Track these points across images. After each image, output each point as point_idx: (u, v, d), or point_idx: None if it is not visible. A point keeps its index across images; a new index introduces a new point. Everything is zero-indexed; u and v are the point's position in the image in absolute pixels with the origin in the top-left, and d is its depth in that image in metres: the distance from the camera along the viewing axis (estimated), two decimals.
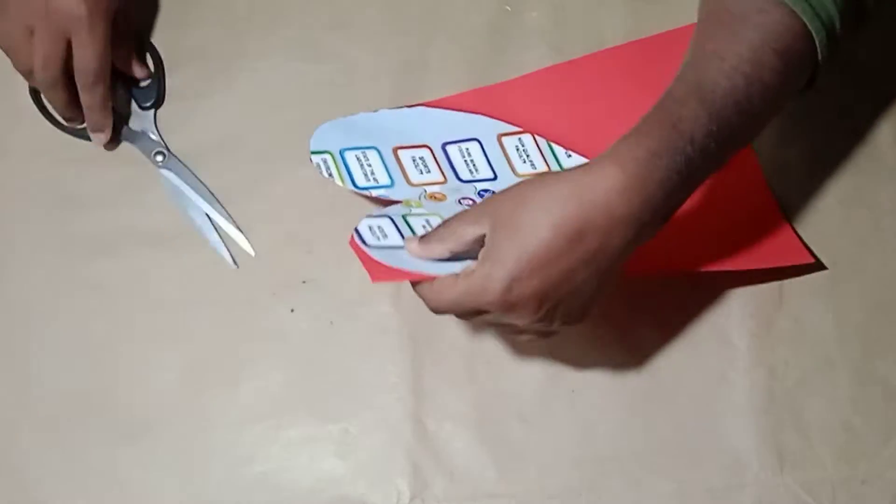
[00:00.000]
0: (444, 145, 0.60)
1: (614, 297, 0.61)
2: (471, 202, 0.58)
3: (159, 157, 0.62)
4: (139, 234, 0.63)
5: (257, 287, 0.62)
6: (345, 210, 0.63)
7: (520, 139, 0.61)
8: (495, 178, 0.60)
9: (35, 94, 0.63)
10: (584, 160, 0.58)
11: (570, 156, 0.61)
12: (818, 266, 0.62)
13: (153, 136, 0.63)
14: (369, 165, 0.59)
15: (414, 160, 0.60)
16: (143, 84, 0.64)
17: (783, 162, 0.64)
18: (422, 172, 0.60)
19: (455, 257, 0.49)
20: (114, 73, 0.61)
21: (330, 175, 0.59)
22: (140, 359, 0.61)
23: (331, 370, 0.60)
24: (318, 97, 0.64)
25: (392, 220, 0.54)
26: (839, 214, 0.63)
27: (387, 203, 0.58)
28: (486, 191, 0.60)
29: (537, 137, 0.61)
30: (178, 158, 0.63)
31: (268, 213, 0.63)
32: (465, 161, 0.60)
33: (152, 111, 0.64)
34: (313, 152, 0.60)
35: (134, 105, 0.64)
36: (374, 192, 0.59)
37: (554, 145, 0.61)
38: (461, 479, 0.58)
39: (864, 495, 0.58)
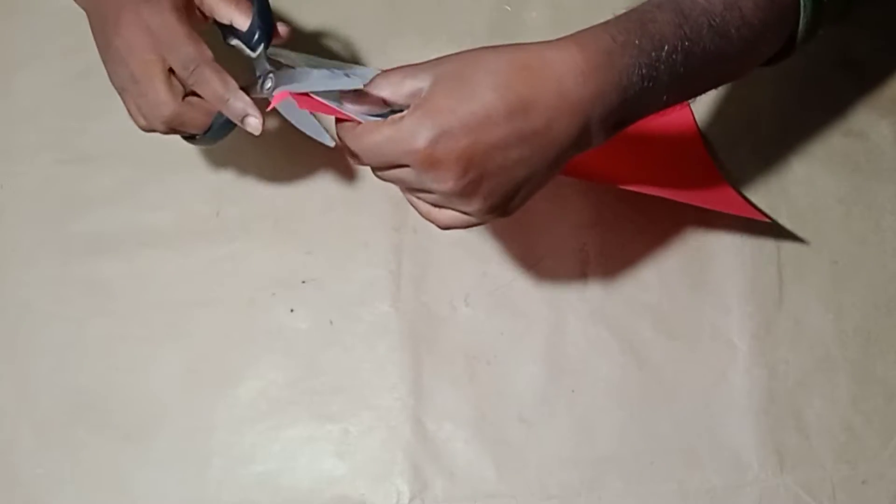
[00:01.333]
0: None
1: (614, 297, 0.61)
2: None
3: (268, 84, 0.52)
4: (139, 234, 0.63)
5: (257, 287, 0.62)
6: (345, 210, 0.63)
7: None
8: None
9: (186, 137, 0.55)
10: None
11: None
12: (789, 235, 0.62)
13: (270, 68, 0.52)
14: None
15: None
16: (246, 27, 0.53)
17: (783, 161, 0.64)
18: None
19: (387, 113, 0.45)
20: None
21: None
22: (140, 359, 0.61)
23: (331, 370, 0.60)
24: None
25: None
26: (839, 214, 0.63)
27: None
28: None
29: None
30: (284, 65, 0.53)
31: (268, 212, 0.63)
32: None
33: (262, 46, 0.53)
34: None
35: (250, 53, 0.53)
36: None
37: None
38: (461, 479, 0.58)
39: (864, 495, 0.58)
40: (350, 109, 0.46)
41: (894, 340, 0.61)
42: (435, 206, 0.46)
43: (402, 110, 0.44)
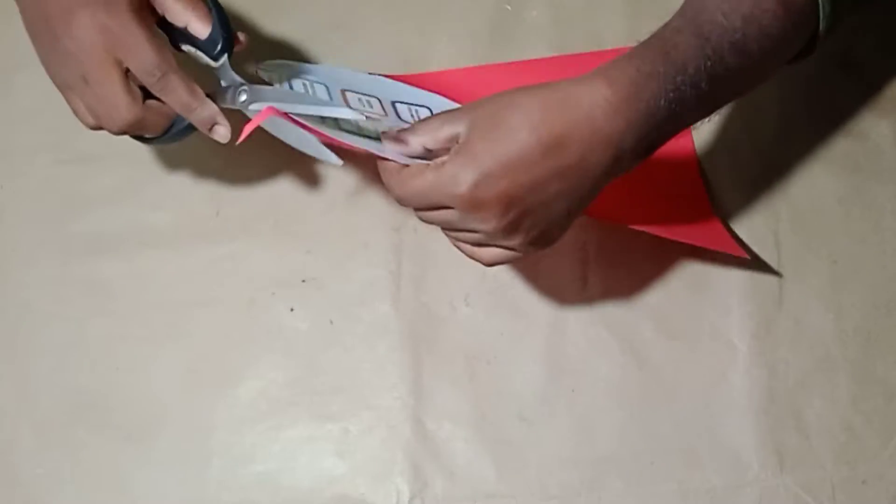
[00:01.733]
0: (394, 102, 0.57)
1: (614, 297, 0.61)
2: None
3: (242, 97, 0.52)
4: (139, 234, 0.63)
5: (257, 287, 0.62)
6: (345, 210, 0.63)
7: None
8: None
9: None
10: None
11: None
12: (769, 269, 0.62)
13: (238, 79, 0.52)
14: (312, 89, 0.56)
15: (360, 99, 0.56)
16: (206, 34, 0.52)
17: (783, 161, 0.64)
18: (364, 107, 0.56)
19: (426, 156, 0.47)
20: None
21: (270, 83, 0.55)
22: (140, 359, 0.61)
23: (331, 370, 0.60)
24: None
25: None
26: (839, 214, 0.63)
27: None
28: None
29: None
30: (264, 82, 0.54)
31: (268, 212, 0.63)
32: (412, 116, 0.57)
33: (225, 55, 0.53)
34: (263, 70, 0.56)
35: (210, 62, 0.53)
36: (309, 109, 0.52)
37: None
38: (461, 479, 0.58)
39: (864, 495, 0.58)
40: (384, 149, 0.47)
41: (894, 340, 0.61)
42: (478, 244, 0.48)
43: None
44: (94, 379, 0.60)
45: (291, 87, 0.56)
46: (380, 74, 0.61)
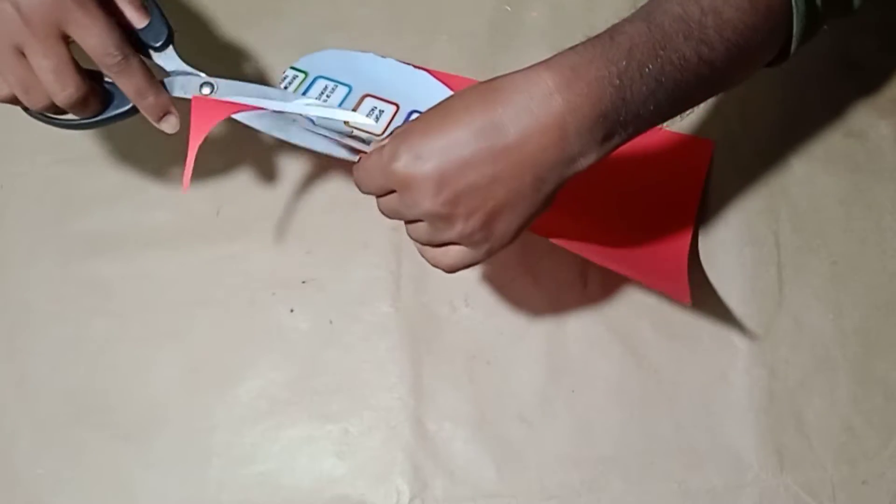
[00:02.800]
0: (412, 112, 0.59)
1: (614, 297, 0.61)
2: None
3: (206, 90, 0.52)
4: (139, 234, 0.63)
5: (257, 287, 0.62)
6: (345, 210, 0.63)
7: None
8: None
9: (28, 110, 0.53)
10: None
11: None
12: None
13: (189, 69, 0.52)
14: (327, 97, 0.58)
15: (373, 109, 0.58)
16: (144, 25, 0.52)
17: (783, 161, 0.64)
18: (367, 117, 0.58)
19: None
20: None
21: (286, 88, 0.57)
22: (140, 359, 0.61)
23: (331, 370, 0.60)
24: None
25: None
26: (839, 214, 0.63)
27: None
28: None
29: None
30: (224, 77, 0.53)
31: (268, 212, 0.63)
32: None
33: (170, 45, 0.52)
34: (292, 67, 0.58)
35: (154, 54, 0.52)
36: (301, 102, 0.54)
37: None
38: (461, 479, 0.58)
39: (864, 495, 0.58)
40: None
41: (894, 340, 0.61)
42: (431, 244, 0.47)
43: None
44: (94, 379, 0.61)
45: (310, 85, 0.58)
46: (426, 69, 0.62)
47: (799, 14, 0.46)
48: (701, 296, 0.61)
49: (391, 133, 0.47)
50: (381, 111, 0.58)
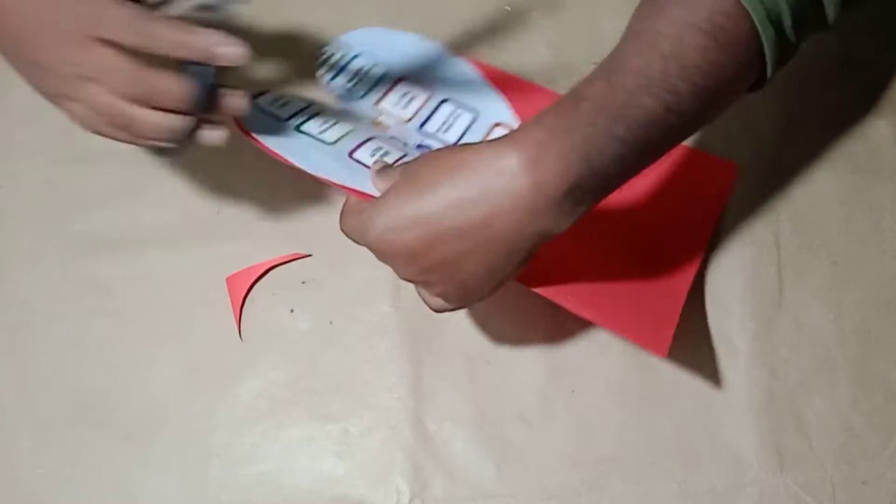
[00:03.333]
0: (443, 101, 0.59)
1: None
2: (399, 146, 0.57)
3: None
4: (139, 234, 0.63)
5: (257, 287, 0.62)
6: None
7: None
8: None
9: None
10: None
11: None
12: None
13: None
14: (360, 79, 0.59)
15: (403, 95, 0.59)
16: None
17: (783, 161, 0.64)
18: (396, 105, 0.60)
19: None
20: None
21: (321, 66, 0.60)
22: (140, 359, 0.61)
23: (331, 370, 0.60)
24: None
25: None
26: (839, 214, 0.63)
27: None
28: (425, 147, 0.59)
29: None
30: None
31: (268, 212, 0.63)
32: (446, 121, 0.60)
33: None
34: (332, 43, 0.60)
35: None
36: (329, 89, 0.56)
37: None
38: (461, 479, 0.58)
39: (864, 495, 0.58)
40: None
41: (894, 340, 0.61)
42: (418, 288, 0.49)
43: None
44: (94, 379, 0.61)
45: (347, 64, 0.61)
46: (469, 59, 0.64)
47: (769, 41, 0.45)
48: (701, 296, 0.61)
49: (393, 164, 0.48)
50: (413, 97, 0.60)
